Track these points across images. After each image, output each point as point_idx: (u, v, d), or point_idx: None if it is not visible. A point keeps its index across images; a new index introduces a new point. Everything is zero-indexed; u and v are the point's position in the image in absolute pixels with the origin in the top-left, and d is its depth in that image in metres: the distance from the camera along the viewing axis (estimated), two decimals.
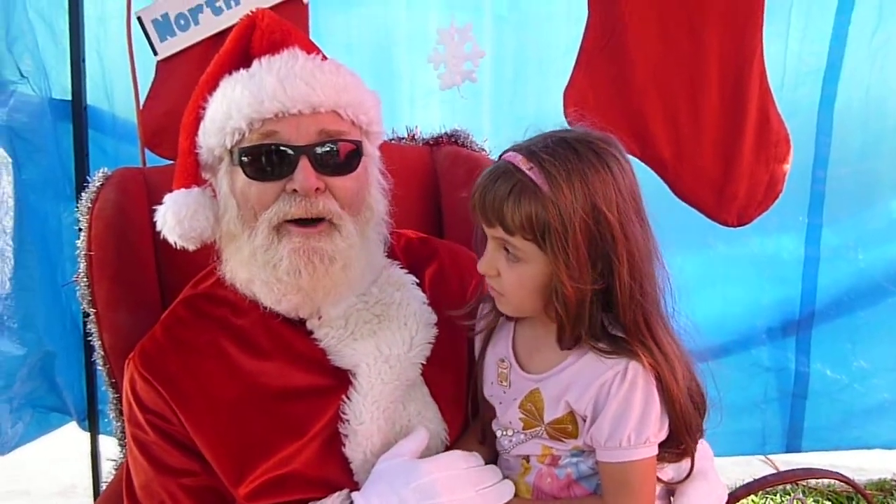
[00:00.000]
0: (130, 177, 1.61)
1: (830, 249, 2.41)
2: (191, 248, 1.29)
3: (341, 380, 1.28)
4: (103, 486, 2.27)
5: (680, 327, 1.21)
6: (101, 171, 1.62)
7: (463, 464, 1.24)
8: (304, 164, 1.20)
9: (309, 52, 1.27)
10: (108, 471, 2.05)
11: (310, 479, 1.26)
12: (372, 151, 1.34)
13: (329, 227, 1.24)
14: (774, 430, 2.51)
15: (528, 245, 1.14)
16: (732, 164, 1.94)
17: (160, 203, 1.30)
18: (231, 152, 1.24)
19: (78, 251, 1.54)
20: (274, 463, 1.24)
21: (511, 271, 1.17)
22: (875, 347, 2.45)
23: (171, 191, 1.31)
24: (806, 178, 2.34)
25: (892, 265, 2.40)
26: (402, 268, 1.37)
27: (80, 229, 1.54)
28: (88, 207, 1.54)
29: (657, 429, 1.17)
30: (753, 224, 2.11)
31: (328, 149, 1.22)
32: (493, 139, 1.86)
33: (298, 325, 1.30)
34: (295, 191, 1.21)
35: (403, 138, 1.90)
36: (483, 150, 1.83)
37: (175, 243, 1.29)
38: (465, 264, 1.44)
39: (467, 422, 1.37)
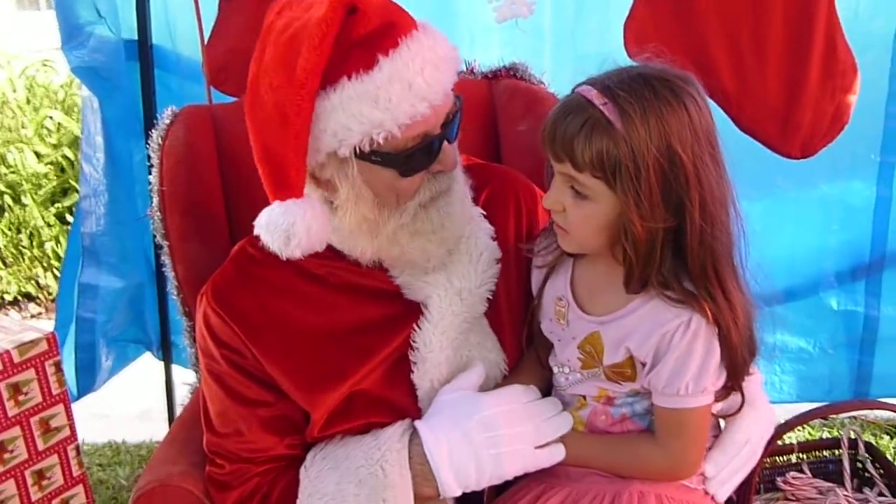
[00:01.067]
0: (198, 114, 1.66)
1: None
2: (301, 257, 1.20)
3: (413, 310, 1.32)
4: (178, 411, 2.40)
5: (748, 273, 1.20)
6: (170, 109, 1.67)
7: (523, 398, 1.28)
8: (446, 148, 1.21)
9: (412, 26, 1.18)
10: (182, 396, 2.16)
11: (376, 400, 1.31)
12: None
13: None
14: (842, 377, 2.44)
15: (596, 183, 1.12)
16: (797, 95, 1.89)
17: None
18: (365, 154, 1.16)
19: (150, 186, 1.60)
20: (347, 387, 1.29)
21: (577, 208, 1.16)
22: None
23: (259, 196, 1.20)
24: (879, 114, 2.23)
25: None
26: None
27: (152, 165, 1.59)
28: (159, 144, 1.59)
29: (715, 378, 1.19)
30: (822, 164, 2.07)
31: (454, 126, 1.23)
32: (554, 75, 1.85)
33: (374, 266, 1.32)
34: (440, 171, 1.23)
35: (462, 72, 1.90)
36: (542, 83, 1.83)
37: (290, 255, 1.19)
38: (521, 190, 1.46)
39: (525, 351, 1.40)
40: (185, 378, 1.93)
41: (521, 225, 1.43)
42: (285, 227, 1.15)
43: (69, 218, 3.93)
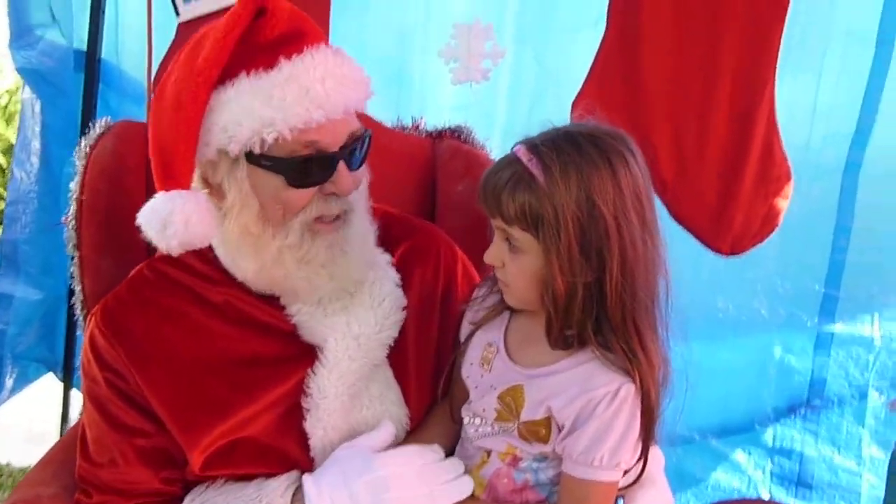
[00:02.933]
0: (133, 129, 1.62)
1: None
2: (178, 252, 1.17)
3: (307, 353, 1.28)
4: None
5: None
6: (105, 119, 1.63)
7: (419, 459, 1.23)
8: (342, 169, 1.19)
9: (321, 41, 1.20)
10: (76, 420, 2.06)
11: (265, 448, 1.26)
12: None
13: (345, 216, 1.25)
14: None
15: (525, 236, 1.14)
16: (732, 193, 1.94)
17: None
18: (254, 156, 1.16)
19: (70, 194, 1.54)
20: (230, 427, 1.24)
21: (513, 262, 1.17)
22: None
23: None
24: (826, 246, 2.27)
25: None
26: (377, 245, 1.36)
27: (76, 173, 1.55)
28: (86, 153, 1.55)
29: (630, 455, 1.17)
30: (765, 289, 2.11)
31: (356, 149, 1.22)
32: (504, 142, 1.87)
33: (271, 300, 1.29)
34: (333, 193, 1.21)
35: (408, 127, 1.91)
36: (483, 147, 1.84)
37: (166, 250, 1.17)
38: (442, 246, 1.45)
39: (431, 406, 1.37)
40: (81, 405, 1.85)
41: (439, 281, 1.42)
42: (164, 216, 1.13)
43: None
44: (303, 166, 1.16)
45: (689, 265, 2.09)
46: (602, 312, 1.14)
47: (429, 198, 1.81)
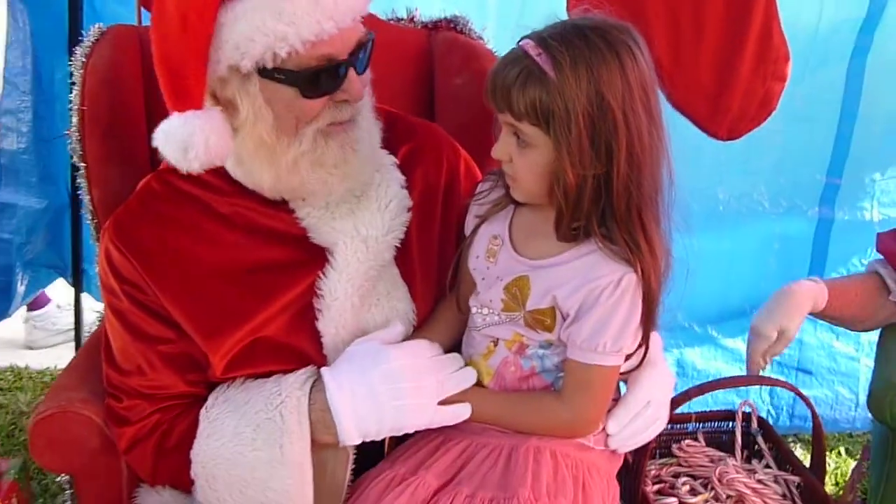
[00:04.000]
0: (126, 34, 1.60)
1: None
2: (200, 170, 1.18)
3: (318, 256, 1.32)
4: (85, 336, 2.36)
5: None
6: (97, 26, 1.60)
7: (427, 352, 1.30)
8: (352, 76, 1.21)
9: None
10: (91, 323, 2.11)
11: (281, 347, 1.31)
12: None
13: (354, 118, 1.26)
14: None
15: (535, 130, 1.16)
16: (729, 76, 1.92)
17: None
18: (267, 70, 1.16)
19: (70, 105, 1.54)
20: (248, 330, 1.29)
21: (521, 157, 1.19)
22: None
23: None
24: (830, 135, 2.29)
25: None
26: (381, 147, 1.38)
27: (74, 83, 1.53)
28: (83, 62, 1.53)
29: (632, 341, 1.23)
30: (766, 180, 2.11)
31: (363, 55, 1.23)
32: (497, 37, 1.84)
33: (278, 206, 1.32)
34: (344, 99, 1.22)
35: (402, 19, 1.88)
36: (481, 38, 1.82)
37: (187, 171, 1.18)
38: (444, 146, 1.47)
39: (436, 300, 1.41)
40: (95, 306, 1.89)
41: (441, 179, 1.44)
42: (183, 139, 1.14)
43: None
44: (315, 77, 1.17)
45: (691, 156, 2.10)
46: (608, 204, 1.17)
47: (427, 92, 1.80)
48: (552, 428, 1.27)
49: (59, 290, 2.75)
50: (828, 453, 2.49)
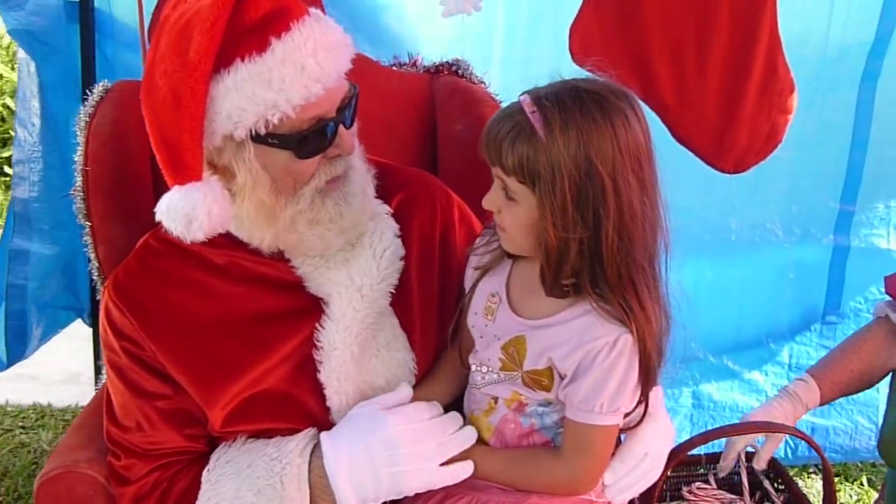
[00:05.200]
0: (130, 90, 1.62)
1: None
2: (203, 239, 1.20)
3: (314, 306, 1.33)
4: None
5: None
6: (102, 83, 1.64)
7: (426, 415, 1.31)
8: (342, 132, 1.24)
9: (304, 12, 1.21)
10: None
11: (282, 401, 1.32)
12: None
13: (346, 172, 1.29)
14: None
15: (521, 188, 1.16)
16: (734, 111, 1.91)
17: None
18: (260, 136, 1.18)
19: (75, 165, 1.57)
20: (246, 383, 1.30)
21: (508, 210, 1.20)
22: None
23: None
24: (843, 161, 2.28)
25: None
26: (375, 196, 1.40)
27: (79, 144, 1.57)
28: (86, 122, 1.57)
29: (630, 400, 1.22)
30: (780, 207, 2.09)
31: (350, 110, 1.26)
32: (502, 76, 1.84)
33: (275, 256, 1.33)
34: (337, 155, 1.25)
35: (405, 64, 1.90)
36: (482, 82, 1.83)
37: (191, 241, 1.20)
38: (438, 194, 1.48)
39: (436, 350, 1.43)
40: None
41: (437, 228, 1.45)
42: (186, 212, 1.16)
43: (7, 170, 3.83)
44: (308, 138, 1.20)
45: (702, 188, 2.09)
46: (598, 267, 1.17)
47: (430, 138, 1.81)
48: (552, 486, 1.27)
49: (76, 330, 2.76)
50: (850, 484, 2.47)
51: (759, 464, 1.62)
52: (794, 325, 2.42)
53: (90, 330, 2.57)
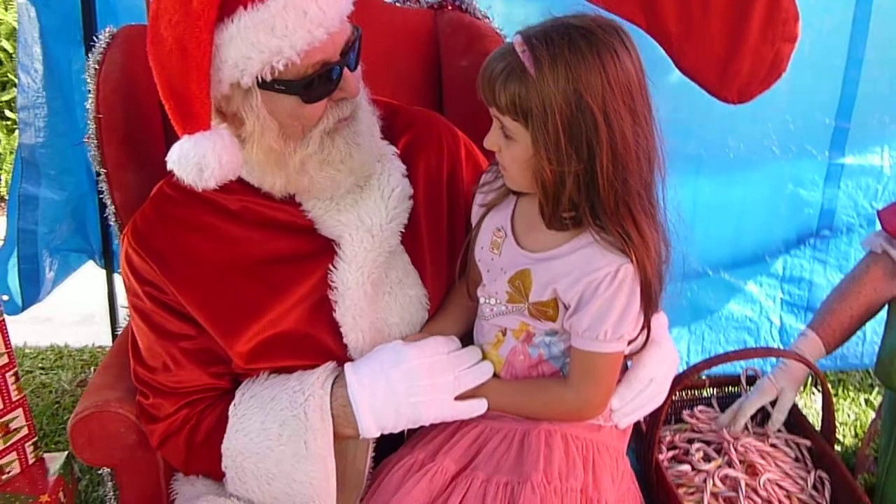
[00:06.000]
0: (136, 35, 1.62)
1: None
2: (215, 186, 1.21)
3: (326, 248, 1.37)
4: (120, 315, 2.43)
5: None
6: (107, 29, 1.63)
7: (444, 349, 1.35)
8: (347, 75, 1.26)
9: None
10: (124, 300, 2.16)
11: (301, 340, 1.36)
12: None
13: (353, 113, 1.31)
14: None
15: (516, 125, 1.19)
16: (738, 41, 1.90)
17: None
18: (267, 83, 1.20)
19: (87, 112, 1.58)
20: (265, 324, 1.34)
21: (506, 149, 1.23)
22: None
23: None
24: (837, 79, 2.26)
25: None
26: (381, 138, 1.41)
27: (89, 91, 1.57)
28: (95, 69, 1.57)
29: (633, 327, 1.26)
30: (775, 126, 2.09)
31: (354, 53, 1.27)
32: (506, 11, 1.83)
33: (286, 200, 1.36)
34: (343, 97, 1.27)
35: (408, 0, 1.89)
36: (486, 17, 1.83)
37: (203, 189, 1.22)
38: (444, 133, 1.50)
39: (447, 284, 1.47)
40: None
41: (443, 166, 1.48)
42: (197, 160, 1.18)
43: (8, 114, 3.82)
44: (313, 83, 1.22)
45: (702, 107, 2.09)
46: (596, 198, 1.20)
47: (435, 75, 1.81)
48: (561, 413, 1.33)
49: (88, 271, 2.80)
50: (849, 403, 2.55)
51: (775, 425, 1.66)
52: (789, 239, 2.46)
53: (102, 271, 2.61)
